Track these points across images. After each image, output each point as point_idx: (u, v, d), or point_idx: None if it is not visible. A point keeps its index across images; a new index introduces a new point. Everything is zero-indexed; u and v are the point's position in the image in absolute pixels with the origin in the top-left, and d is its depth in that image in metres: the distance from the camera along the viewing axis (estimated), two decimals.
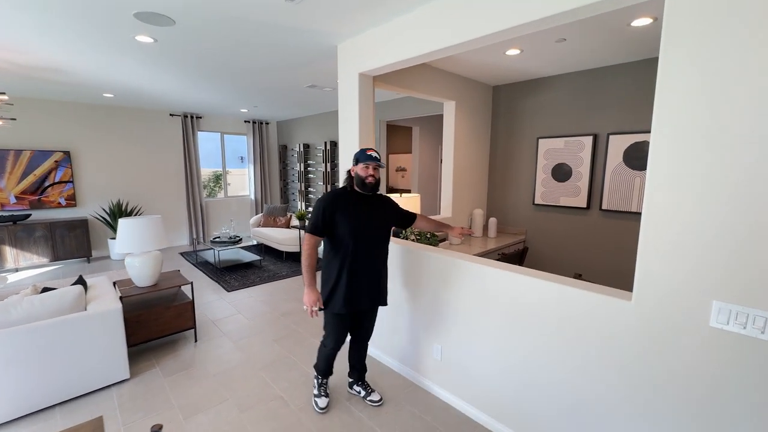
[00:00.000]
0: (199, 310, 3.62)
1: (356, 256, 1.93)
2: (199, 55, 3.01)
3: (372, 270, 1.99)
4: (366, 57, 2.52)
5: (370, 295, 2.02)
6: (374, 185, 1.93)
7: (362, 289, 1.98)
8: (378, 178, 1.94)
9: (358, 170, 1.93)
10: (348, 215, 1.90)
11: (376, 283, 2.02)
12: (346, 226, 1.90)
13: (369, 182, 1.91)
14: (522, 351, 1.82)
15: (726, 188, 1.19)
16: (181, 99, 5.08)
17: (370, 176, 1.91)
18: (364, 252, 1.94)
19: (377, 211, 2.00)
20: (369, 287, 2.00)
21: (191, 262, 5.39)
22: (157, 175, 6.24)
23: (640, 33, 2.43)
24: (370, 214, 1.96)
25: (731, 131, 1.17)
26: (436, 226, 2.27)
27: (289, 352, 2.82)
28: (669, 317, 1.34)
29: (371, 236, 1.96)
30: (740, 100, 1.15)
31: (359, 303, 1.99)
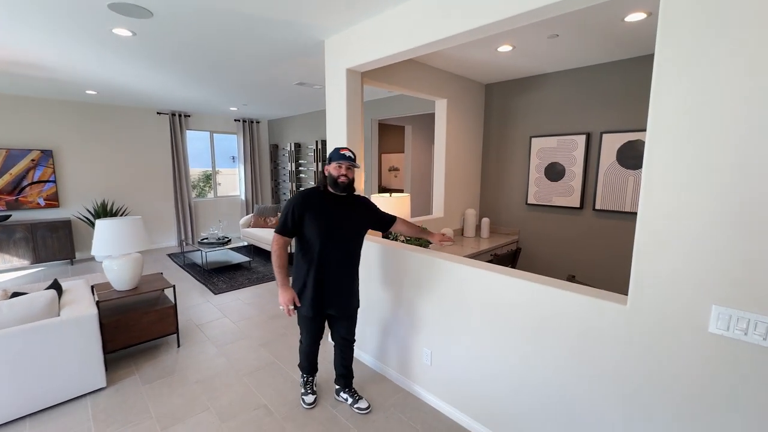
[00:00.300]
0: (183, 313, 3.51)
1: (324, 259, 1.88)
2: (181, 50, 2.91)
3: (341, 274, 1.94)
4: (354, 52, 2.43)
5: (338, 300, 1.97)
6: (347, 185, 1.88)
7: (329, 293, 1.93)
8: (351, 178, 1.89)
9: (330, 169, 1.88)
10: (317, 216, 1.85)
11: (345, 287, 1.97)
12: (315, 226, 1.85)
13: (341, 182, 1.86)
14: (514, 356, 1.75)
15: (725, 187, 1.13)
16: (168, 97, 4.95)
17: (342, 176, 1.86)
18: (333, 254, 1.89)
19: (350, 213, 1.94)
20: (337, 292, 1.95)
21: (178, 264, 5.26)
22: (144, 175, 6.09)
23: (634, 29, 2.38)
24: (342, 215, 1.90)
25: (730, 129, 1.11)
26: (415, 231, 2.19)
27: (276, 357, 2.73)
28: (666, 322, 1.28)
29: (341, 238, 1.90)
30: (739, 96, 1.09)
31: (326, 307, 1.96)
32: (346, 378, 2.21)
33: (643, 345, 1.34)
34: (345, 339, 2.13)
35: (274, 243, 1.89)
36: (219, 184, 7.44)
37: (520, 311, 1.70)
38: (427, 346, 2.17)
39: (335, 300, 1.96)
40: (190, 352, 2.81)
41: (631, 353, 1.38)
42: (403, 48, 2.11)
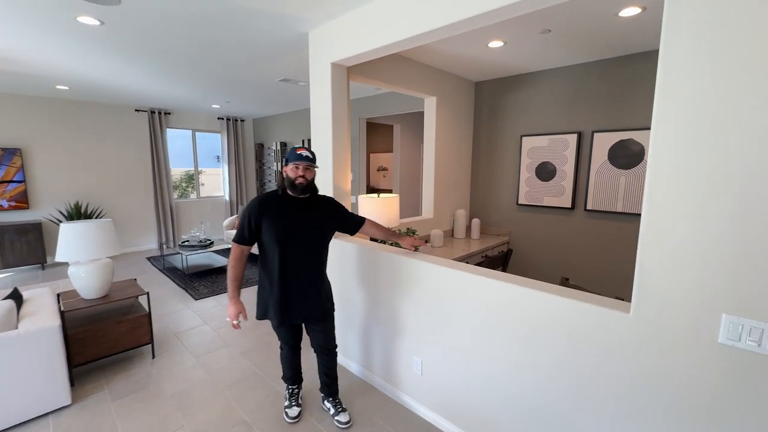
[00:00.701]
0: (159, 321, 3.32)
1: (285, 265, 1.78)
2: (155, 42, 2.73)
3: (304, 280, 1.83)
4: (339, 45, 2.31)
5: (303, 308, 1.86)
6: (305, 187, 1.78)
7: (293, 301, 1.83)
8: (310, 179, 1.79)
9: (288, 171, 1.78)
10: (275, 220, 1.76)
11: (311, 293, 1.86)
12: (273, 231, 1.75)
13: (299, 184, 1.76)
14: (509, 365, 1.65)
15: (737, 186, 1.05)
16: (146, 93, 4.73)
17: (299, 177, 1.75)
18: (295, 260, 1.79)
19: (312, 216, 1.83)
20: (302, 299, 1.84)
21: (158, 268, 5.04)
22: (122, 175, 5.83)
23: (627, 25, 2.31)
24: (302, 218, 1.80)
25: (740, 123, 1.03)
26: (386, 234, 2.08)
27: (258, 368, 2.58)
28: (672, 332, 1.20)
29: (303, 243, 1.80)
30: (748, 91, 1.01)
31: (291, 316, 1.85)
32: (329, 387, 2.09)
33: (647, 356, 1.26)
34: (323, 347, 2.01)
35: (231, 252, 1.81)
36: (202, 185, 7.20)
37: (515, 318, 1.60)
38: (418, 354, 2.06)
39: (301, 308, 1.85)
40: (165, 363, 2.64)
41: (633, 365, 1.29)
42: (391, 40, 2.00)
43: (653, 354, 1.24)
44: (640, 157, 2.91)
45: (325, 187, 2.56)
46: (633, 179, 2.96)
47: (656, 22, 2.27)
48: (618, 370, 1.33)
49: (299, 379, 2.16)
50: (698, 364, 1.16)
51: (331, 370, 2.07)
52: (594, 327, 1.37)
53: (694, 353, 1.17)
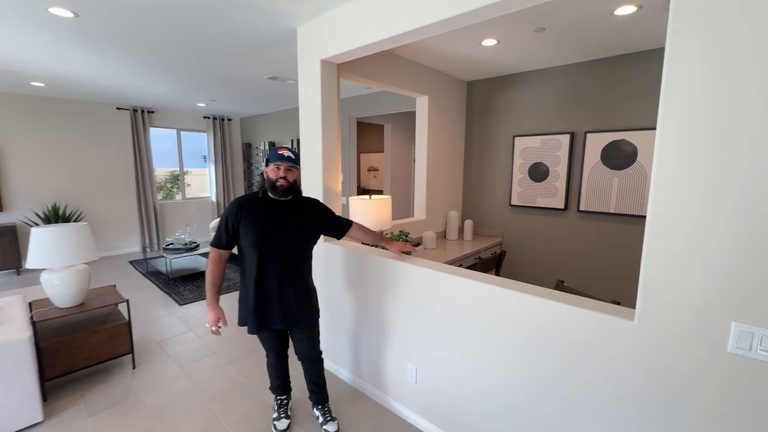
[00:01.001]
0: (141, 329, 3.18)
1: (263, 271, 1.70)
2: (134, 36, 2.60)
3: (285, 286, 1.74)
4: (328, 41, 2.22)
5: (284, 315, 1.76)
6: (286, 189, 1.68)
7: (273, 308, 1.74)
8: (292, 181, 1.69)
9: (268, 172, 1.70)
10: (254, 223, 1.67)
11: (291, 300, 1.76)
12: (252, 235, 1.66)
13: (280, 186, 1.67)
14: (507, 374, 1.59)
15: (747, 189, 1.01)
16: (127, 90, 4.55)
17: (281, 179, 1.66)
18: (273, 265, 1.70)
19: (295, 219, 1.74)
20: (282, 306, 1.75)
21: (141, 272, 4.86)
22: (103, 176, 5.62)
23: (622, 23, 2.29)
24: (284, 221, 1.71)
25: (749, 126, 0.99)
26: (374, 238, 1.99)
27: (245, 377, 2.48)
28: (677, 340, 1.15)
29: (283, 248, 1.71)
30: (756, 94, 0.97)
31: (270, 322, 1.77)
32: (318, 394, 2.01)
33: (652, 366, 1.21)
34: (307, 355, 1.93)
35: (209, 257, 1.74)
36: (188, 185, 7.01)
37: (513, 325, 1.54)
38: (412, 362, 1.99)
39: (282, 314, 1.76)
40: (147, 374, 2.51)
41: (637, 374, 1.24)
42: (383, 36, 1.92)
43: (658, 363, 1.20)
44: (633, 157, 2.89)
45: (316, 189, 2.47)
46: (626, 180, 2.95)
47: (651, 21, 2.25)
48: (620, 379, 1.28)
49: (288, 388, 2.07)
50: (706, 374, 1.12)
51: (318, 377, 1.99)
52: (596, 335, 1.32)
53: (702, 363, 1.12)
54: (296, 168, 1.71)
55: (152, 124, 6.02)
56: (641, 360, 1.23)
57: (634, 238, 2.97)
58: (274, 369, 2.00)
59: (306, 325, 1.85)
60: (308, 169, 2.53)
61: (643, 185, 2.87)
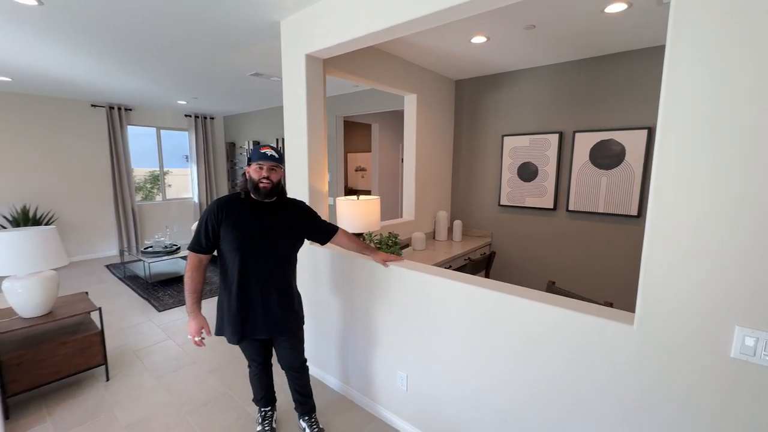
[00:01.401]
0: (117, 338, 3.01)
1: (244, 276, 1.60)
2: (105, 29, 2.45)
3: (268, 293, 1.64)
4: (314, 35, 2.13)
5: (267, 324, 1.66)
6: (270, 190, 1.59)
7: (254, 316, 1.64)
8: (275, 181, 1.61)
9: (251, 172, 1.60)
10: (235, 225, 1.57)
11: (275, 309, 1.66)
12: (233, 238, 1.56)
13: (263, 187, 1.57)
14: (502, 381, 1.53)
15: (751, 189, 0.97)
16: (101, 86, 4.34)
17: (264, 179, 1.57)
18: (256, 271, 1.61)
19: (279, 221, 1.65)
20: (265, 314, 1.65)
21: (118, 276, 4.65)
22: (78, 176, 5.36)
23: (613, 22, 2.27)
24: (267, 224, 1.62)
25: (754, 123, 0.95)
26: (358, 247, 1.90)
27: (228, 387, 2.36)
28: (679, 346, 1.11)
29: (266, 252, 1.61)
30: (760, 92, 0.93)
31: (251, 332, 1.66)
32: (304, 405, 1.93)
33: (653, 372, 1.16)
34: (291, 365, 1.84)
35: (187, 262, 1.63)
36: (169, 186, 6.78)
37: (507, 330, 1.48)
38: (403, 369, 1.92)
39: (264, 323, 1.66)
40: (121, 386, 2.36)
41: (638, 380, 1.20)
42: (370, 30, 1.84)
43: (659, 369, 1.15)
44: (621, 157, 2.89)
45: (301, 189, 2.37)
46: (614, 180, 2.94)
47: (641, 20, 2.23)
48: (620, 386, 1.23)
49: (272, 399, 1.97)
50: (709, 380, 1.08)
51: (303, 387, 1.90)
52: (594, 340, 1.27)
53: (704, 369, 1.08)
54: (280, 168, 1.63)
55: (130, 122, 5.79)
56: (641, 366, 1.19)
57: (622, 237, 2.97)
58: (257, 380, 1.90)
59: (290, 334, 1.76)
60: (293, 169, 2.43)
61: (631, 185, 2.87)
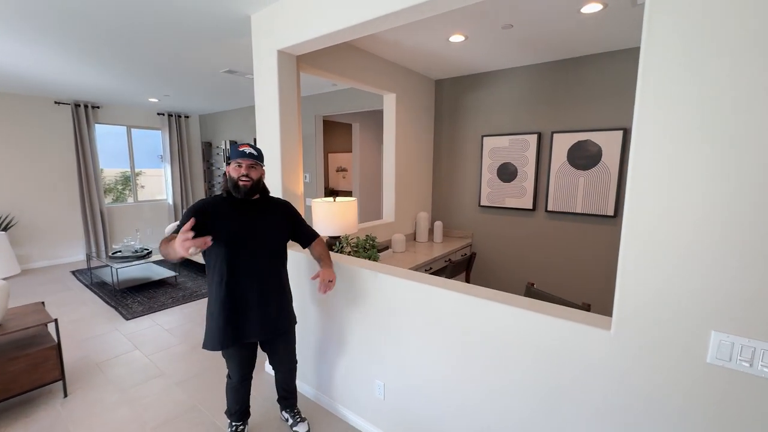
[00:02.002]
0: (79, 350, 2.83)
1: (235, 277, 1.56)
2: (58, 17, 2.29)
3: (261, 293, 1.62)
4: (286, 31, 2.04)
5: (262, 326, 1.64)
6: (250, 188, 1.57)
7: (248, 318, 1.61)
8: (256, 179, 1.59)
9: (230, 171, 1.58)
10: (221, 226, 1.52)
11: (272, 308, 1.66)
12: (219, 239, 1.50)
13: (243, 185, 1.55)
14: (479, 389, 1.49)
15: (728, 188, 0.95)
16: (66, 82, 4.10)
17: (243, 177, 1.55)
18: (246, 271, 1.58)
19: (264, 219, 1.63)
20: (260, 315, 1.62)
21: (84, 283, 4.41)
22: (41, 177, 5.06)
23: (589, 21, 2.27)
24: (252, 223, 1.59)
25: (732, 121, 0.93)
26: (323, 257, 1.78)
27: (197, 400, 2.24)
28: (656, 351, 1.08)
29: (254, 251, 1.59)
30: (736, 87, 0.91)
31: (247, 335, 1.63)
32: (287, 400, 1.98)
33: (630, 378, 1.14)
34: (285, 365, 1.88)
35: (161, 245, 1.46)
36: (142, 187, 6.50)
37: (485, 337, 1.44)
38: (380, 377, 1.85)
39: (258, 326, 1.63)
40: (80, 402, 2.20)
41: (615, 388, 1.17)
42: (344, 25, 1.77)
43: (637, 375, 1.13)
44: (598, 158, 2.91)
45: (275, 191, 2.26)
46: (591, 180, 2.96)
47: (616, 21, 2.24)
48: (599, 391, 1.20)
49: (246, 414, 1.88)
50: (685, 386, 1.05)
51: (291, 383, 1.95)
52: (572, 345, 1.24)
53: (681, 374, 1.06)
54: (260, 165, 1.60)
55: (98, 120, 5.51)
56: (619, 371, 1.16)
57: (600, 238, 3.00)
58: (235, 392, 1.80)
59: (282, 332, 1.75)
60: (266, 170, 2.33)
61: (608, 185, 2.89)
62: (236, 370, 1.74)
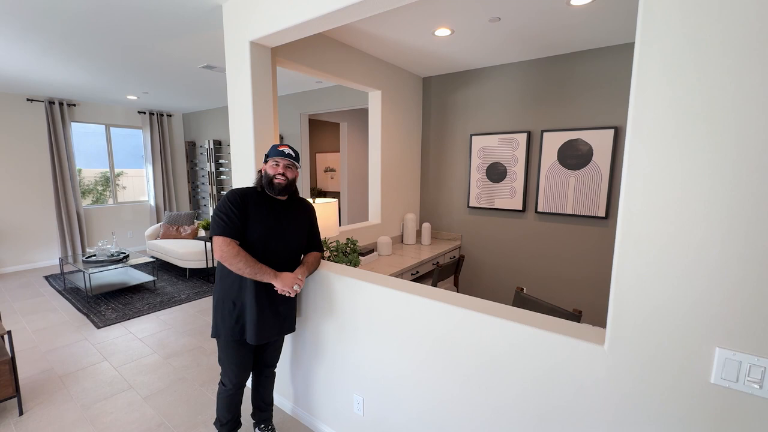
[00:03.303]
0: (41, 362, 2.65)
1: None
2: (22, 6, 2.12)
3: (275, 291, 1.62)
4: (259, 20, 1.91)
5: (278, 322, 1.66)
6: (284, 187, 1.59)
7: (269, 314, 1.61)
8: (290, 179, 1.61)
9: (267, 168, 1.61)
10: (255, 218, 1.55)
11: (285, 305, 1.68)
12: (252, 232, 1.53)
13: (277, 183, 1.57)
14: (460, 405, 1.37)
15: (734, 189, 0.84)
16: (38, 79, 3.90)
17: (279, 175, 1.57)
18: (276, 268, 1.58)
19: (291, 219, 1.65)
20: (279, 312, 1.65)
21: (57, 289, 4.20)
22: (11, 178, 4.83)
23: (579, 14, 2.17)
24: (281, 220, 1.62)
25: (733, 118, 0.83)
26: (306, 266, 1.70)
27: (165, 416, 2.08)
28: (654, 369, 0.98)
29: (280, 247, 1.61)
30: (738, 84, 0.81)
31: (267, 332, 1.61)
32: (264, 412, 1.89)
33: (626, 397, 1.03)
34: (270, 365, 1.84)
35: (226, 249, 1.46)
36: (124, 188, 6.29)
37: (469, 352, 1.32)
38: (358, 391, 1.72)
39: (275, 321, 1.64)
40: (37, 421, 2.03)
41: (609, 406, 1.06)
42: (318, 13, 1.64)
43: (632, 394, 1.02)
44: (589, 157, 2.83)
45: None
46: (582, 180, 2.88)
47: (607, 14, 2.15)
48: (591, 412, 1.09)
49: (239, 424, 1.79)
50: (686, 408, 0.95)
51: (269, 392, 1.88)
52: (561, 362, 1.13)
53: (682, 395, 0.95)
54: (295, 167, 1.63)
55: (74, 118, 5.30)
56: (613, 390, 1.05)
57: (591, 240, 2.91)
58: (230, 400, 1.71)
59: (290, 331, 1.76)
60: (239, 170, 2.19)
61: (599, 186, 2.81)
62: (235, 374, 1.66)
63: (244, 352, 1.65)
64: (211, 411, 2.11)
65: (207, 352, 2.78)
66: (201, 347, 2.86)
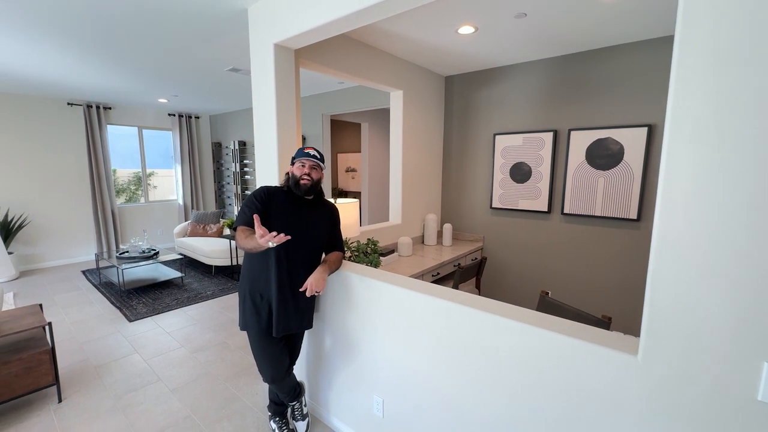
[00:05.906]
0: (79, 353, 2.79)
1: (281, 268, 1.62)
2: (62, 18, 2.24)
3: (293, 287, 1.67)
4: (283, 23, 1.93)
5: (297, 317, 1.72)
6: (310, 188, 1.64)
7: (291, 309, 1.67)
8: (316, 179, 1.66)
9: (294, 170, 1.67)
10: (278, 214, 1.61)
11: (305, 302, 1.73)
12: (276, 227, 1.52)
13: (303, 183, 1.62)
14: (487, 412, 1.34)
15: None
16: (76, 84, 4.13)
17: (305, 176, 1.63)
18: (293, 262, 1.64)
19: (314, 219, 1.70)
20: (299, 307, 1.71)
21: (93, 283, 4.43)
22: (55, 177, 5.14)
23: (609, 8, 2.08)
24: (305, 219, 1.66)
25: None
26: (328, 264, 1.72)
27: (191, 409, 2.15)
28: (693, 383, 0.92)
29: (302, 245, 1.65)
30: None
31: (288, 326, 1.68)
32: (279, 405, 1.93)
33: (660, 413, 0.97)
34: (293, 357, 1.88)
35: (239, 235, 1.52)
36: (155, 187, 6.57)
37: (490, 358, 1.29)
38: (378, 393, 1.72)
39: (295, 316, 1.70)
40: (74, 409, 2.15)
41: (642, 422, 1.00)
42: (341, 14, 1.64)
43: (667, 410, 0.96)
44: (620, 157, 2.71)
45: None
46: (612, 181, 2.76)
47: (641, 6, 2.05)
48: (621, 427, 1.04)
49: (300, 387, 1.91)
50: (731, 426, 0.88)
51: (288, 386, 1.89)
52: (590, 372, 1.08)
53: (724, 413, 0.89)
54: (321, 168, 1.68)
55: (110, 121, 5.56)
56: (647, 405, 0.99)
57: (622, 243, 2.79)
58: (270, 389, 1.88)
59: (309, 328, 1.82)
60: (263, 170, 2.23)
61: (631, 187, 2.68)
62: (267, 368, 1.71)
63: (274, 347, 1.70)
64: (234, 406, 2.16)
65: (231, 348, 2.85)
66: (225, 343, 2.94)
